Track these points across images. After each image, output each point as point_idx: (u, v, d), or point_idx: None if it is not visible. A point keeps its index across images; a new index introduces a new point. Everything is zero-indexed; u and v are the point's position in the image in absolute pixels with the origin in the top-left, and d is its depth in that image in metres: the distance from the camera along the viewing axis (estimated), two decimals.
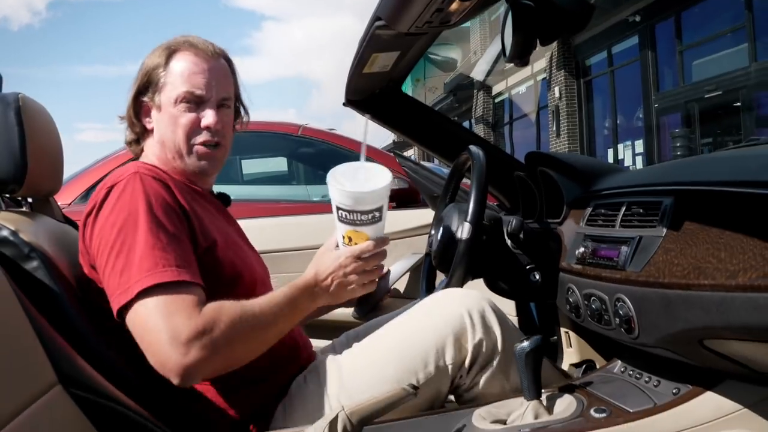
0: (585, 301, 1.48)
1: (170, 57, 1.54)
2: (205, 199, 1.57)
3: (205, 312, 1.26)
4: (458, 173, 1.82)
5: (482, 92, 20.61)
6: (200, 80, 1.53)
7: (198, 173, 1.57)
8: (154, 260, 1.27)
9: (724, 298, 1.03)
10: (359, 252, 1.48)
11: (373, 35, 1.53)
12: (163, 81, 1.53)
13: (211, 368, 1.27)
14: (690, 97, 11.60)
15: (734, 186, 1.16)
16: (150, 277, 1.25)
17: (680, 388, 1.29)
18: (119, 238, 1.30)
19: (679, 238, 1.21)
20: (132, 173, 1.38)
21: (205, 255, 1.40)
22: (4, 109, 1.39)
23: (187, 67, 1.53)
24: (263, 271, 1.62)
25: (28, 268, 1.26)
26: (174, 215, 1.36)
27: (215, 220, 1.52)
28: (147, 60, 1.57)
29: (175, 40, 1.57)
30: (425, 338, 1.47)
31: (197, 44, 1.56)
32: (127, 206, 1.33)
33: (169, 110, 1.52)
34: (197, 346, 1.23)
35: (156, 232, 1.30)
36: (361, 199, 1.44)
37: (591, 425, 1.25)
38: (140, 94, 1.56)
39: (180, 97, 1.52)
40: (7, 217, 1.34)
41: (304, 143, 4.29)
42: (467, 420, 1.32)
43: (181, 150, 1.53)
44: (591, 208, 1.62)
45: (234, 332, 1.28)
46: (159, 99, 1.53)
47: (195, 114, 1.53)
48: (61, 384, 0.88)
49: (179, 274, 1.27)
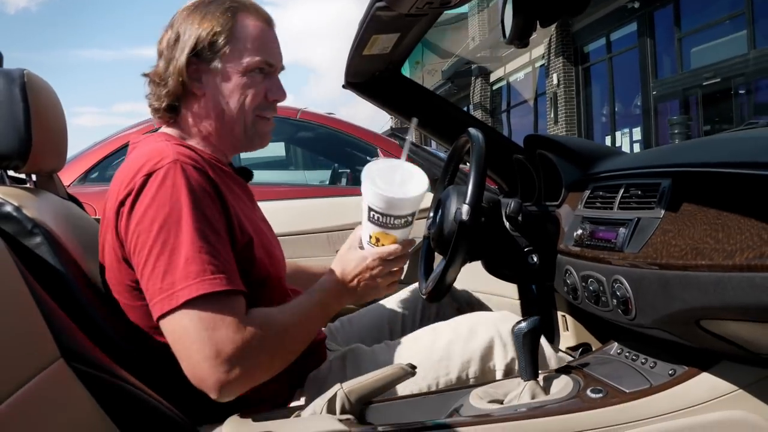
0: (582, 283, 1.49)
1: (235, 18, 1.41)
2: (233, 180, 1.48)
3: (251, 326, 1.21)
4: (457, 156, 1.83)
5: (480, 79, 20.59)
6: (274, 48, 1.45)
7: (251, 147, 1.50)
8: (201, 265, 1.19)
9: (722, 278, 1.04)
10: (387, 254, 1.43)
11: (373, 16, 1.53)
12: (226, 42, 1.40)
13: (251, 383, 1.23)
14: (688, 84, 11.60)
15: (732, 167, 1.17)
16: (198, 285, 1.18)
17: (676, 369, 1.30)
18: (161, 235, 1.21)
19: (677, 220, 1.22)
20: (172, 161, 1.26)
21: (240, 253, 1.33)
22: (8, 84, 1.39)
23: (260, 33, 1.43)
24: (284, 263, 1.57)
25: (30, 244, 1.25)
26: (217, 212, 1.28)
27: (248, 211, 1.44)
28: (200, 17, 1.41)
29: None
30: (453, 348, 1.49)
31: (257, 6, 1.45)
32: (168, 200, 1.22)
33: (237, 78, 1.41)
34: (242, 363, 1.19)
35: (202, 232, 1.22)
36: (397, 205, 1.39)
37: (587, 405, 1.26)
38: (195, 56, 1.40)
39: (253, 66, 1.41)
40: (10, 192, 1.33)
41: (303, 127, 4.29)
42: (465, 400, 1.33)
43: (246, 122, 1.44)
44: (589, 190, 1.62)
45: (278, 347, 1.26)
46: (221, 64, 1.41)
47: (264, 84, 1.44)
48: (63, 358, 0.88)
49: (228, 282, 1.20)
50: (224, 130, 1.45)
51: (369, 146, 4.05)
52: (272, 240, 1.52)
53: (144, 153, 1.31)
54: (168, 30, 1.44)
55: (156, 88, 1.43)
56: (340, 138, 4.19)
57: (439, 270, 1.56)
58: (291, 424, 1.22)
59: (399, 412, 1.34)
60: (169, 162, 1.26)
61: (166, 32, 1.44)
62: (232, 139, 1.46)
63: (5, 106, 1.38)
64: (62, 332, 0.91)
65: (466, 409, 1.30)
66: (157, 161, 1.27)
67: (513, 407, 1.28)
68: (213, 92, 1.42)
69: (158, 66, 1.44)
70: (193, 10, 1.42)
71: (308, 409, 1.25)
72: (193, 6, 1.43)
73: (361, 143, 4.10)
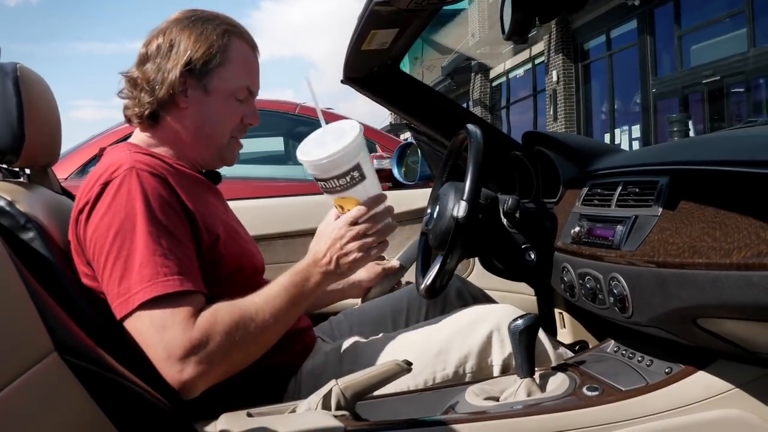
0: (579, 281, 1.49)
1: (230, 41, 1.45)
2: (200, 183, 1.50)
3: (198, 324, 1.22)
4: (455, 152, 1.82)
5: (480, 75, 20.60)
6: (257, 76, 1.50)
7: (219, 165, 1.54)
8: (155, 268, 1.22)
9: (719, 277, 1.04)
10: (352, 218, 1.38)
11: (371, 11, 1.52)
12: (219, 64, 1.43)
13: (210, 380, 1.24)
14: (688, 82, 11.59)
15: (730, 165, 1.16)
16: (151, 288, 1.20)
17: (672, 368, 1.30)
18: (116, 242, 1.24)
19: (675, 218, 1.21)
20: (128, 169, 1.29)
21: (208, 251, 1.36)
22: (1, 78, 1.38)
23: (249, 60, 1.48)
24: (260, 257, 1.58)
25: (24, 239, 1.25)
26: (174, 215, 1.30)
27: (215, 210, 1.46)
28: (197, 32, 1.42)
29: (229, 21, 1.48)
30: (451, 343, 1.49)
31: (249, 34, 1.51)
32: (123, 207, 1.26)
33: (221, 99, 1.45)
34: (193, 362, 1.20)
35: (156, 236, 1.24)
36: (328, 166, 1.33)
37: (583, 403, 1.26)
38: (188, 70, 1.42)
39: (239, 91, 1.46)
40: (3, 187, 1.33)
41: (302, 122, 4.28)
42: (460, 396, 1.33)
43: (222, 142, 1.49)
44: (587, 187, 1.62)
45: (230, 341, 1.24)
46: (209, 82, 1.43)
47: (242, 108, 1.49)
48: (57, 351, 0.87)
49: (181, 283, 1.22)
50: (199, 145, 1.48)
51: (368, 142, 4.04)
52: (244, 236, 1.54)
53: (104, 163, 1.35)
54: (159, 36, 1.44)
55: (139, 92, 1.44)
56: None
57: (436, 266, 1.56)
58: (286, 420, 1.22)
59: (394, 409, 1.34)
60: (124, 170, 1.29)
61: (156, 37, 1.45)
62: (204, 155, 1.50)
63: None
64: (56, 325, 0.90)
65: (462, 406, 1.30)
66: (113, 170, 1.30)
67: (509, 404, 1.28)
68: (196, 108, 1.45)
69: (145, 70, 1.43)
70: (190, 23, 1.44)
71: (303, 404, 1.25)
72: (189, 19, 1.45)
73: None
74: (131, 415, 1.00)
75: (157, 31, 1.46)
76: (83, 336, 0.98)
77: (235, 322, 1.26)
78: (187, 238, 1.31)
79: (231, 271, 1.41)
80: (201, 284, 1.28)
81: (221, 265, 1.39)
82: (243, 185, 3.26)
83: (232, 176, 3.68)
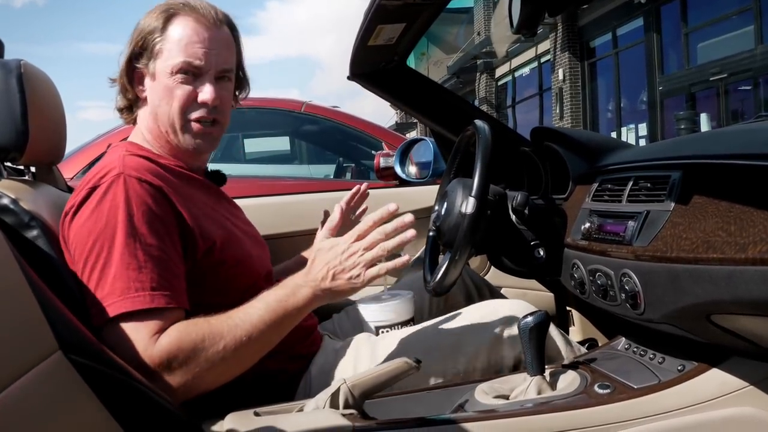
0: (590, 277, 1.47)
1: (168, 21, 1.43)
2: (201, 185, 1.49)
3: (161, 342, 1.19)
4: (463, 148, 1.81)
5: (485, 74, 20.58)
6: (199, 50, 1.43)
7: (192, 151, 1.48)
8: (127, 282, 1.20)
9: (734, 272, 1.02)
10: (357, 233, 1.29)
11: (378, 6, 1.51)
12: (159, 47, 1.42)
13: (179, 396, 1.20)
14: (695, 79, 11.55)
15: (744, 159, 1.14)
16: (120, 303, 1.19)
17: (685, 365, 1.29)
18: (94, 249, 1.23)
19: (688, 212, 1.19)
20: (116, 175, 1.28)
21: (205, 257, 1.34)
22: (5, 75, 1.37)
23: (186, 35, 1.42)
24: (266, 262, 1.56)
25: (28, 237, 1.25)
26: (159, 225, 1.27)
27: (214, 213, 1.43)
28: (143, 22, 1.46)
29: (174, 2, 1.46)
30: (461, 339, 1.48)
31: (198, 8, 1.45)
32: (105, 215, 1.24)
33: (164, 80, 1.43)
34: (157, 378, 1.17)
35: (133, 248, 1.22)
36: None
37: (594, 401, 1.25)
38: (134, 58, 1.45)
39: (176, 68, 1.41)
40: (7, 185, 1.32)
41: (308, 120, 4.26)
42: (470, 395, 1.32)
43: (175, 125, 1.44)
44: (597, 183, 1.60)
45: (196, 360, 1.20)
46: (154, 66, 1.43)
47: (191, 87, 1.43)
48: (61, 350, 0.87)
49: (152, 299, 1.20)
50: (164, 132, 1.47)
51: (374, 140, 4.03)
52: (246, 241, 1.51)
53: (99, 164, 1.36)
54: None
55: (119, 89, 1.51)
56: (345, 131, 4.17)
57: (445, 264, 1.55)
58: (293, 419, 1.20)
59: (403, 407, 1.33)
60: (113, 176, 1.28)
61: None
62: (176, 141, 1.47)
63: (2, 97, 1.36)
64: (60, 324, 0.89)
65: (472, 404, 1.29)
66: (102, 175, 1.30)
67: (519, 403, 1.27)
68: (151, 95, 1.46)
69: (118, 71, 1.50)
70: (142, 18, 1.48)
71: (311, 403, 1.24)
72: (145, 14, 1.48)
73: (367, 137, 4.08)
74: (137, 414, 0.99)
75: None
76: (87, 334, 0.97)
77: (201, 341, 1.21)
78: (173, 248, 1.28)
79: (230, 277, 1.39)
80: (179, 298, 1.25)
81: (220, 270, 1.37)
82: (248, 184, 3.25)
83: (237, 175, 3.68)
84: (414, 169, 2.71)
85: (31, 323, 0.85)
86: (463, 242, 1.50)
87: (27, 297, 0.86)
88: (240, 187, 2.50)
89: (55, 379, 0.86)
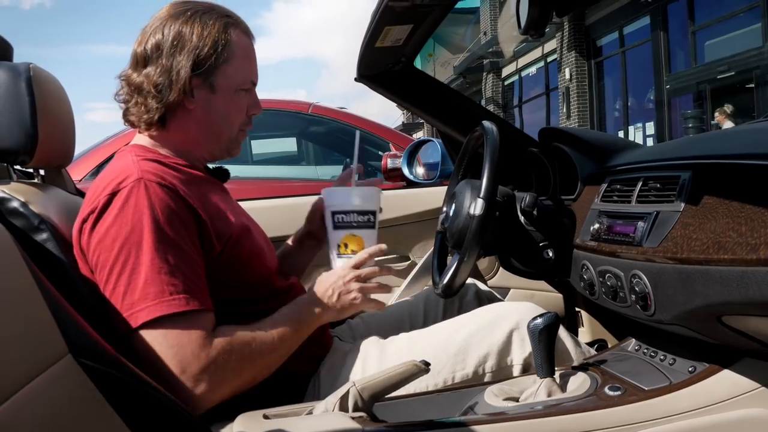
0: (600, 278, 1.46)
1: (231, 34, 1.41)
2: (207, 182, 1.48)
3: (215, 344, 1.23)
4: (471, 149, 1.80)
5: (492, 74, 20.57)
6: (255, 66, 1.48)
7: (226, 157, 1.52)
8: (160, 286, 1.21)
9: (745, 273, 1.01)
10: (356, 262, 1.43)
11: (386, 7, 1.51)
12: (224, 60, 1.39)
13: (218, 397, 1.25)
14: (702, 77, 11.53)
15: (754, 159, 1.14)
16: (157, 307, 1.20)
17: (696, 366, 1.28)
18: (121, 255, 1.22)
19: (698, 213, 1.19)
20: (136, 180, 1.27)
21: (220, 255, 1.35)
22: (14, 78, 1.37)
23: (250, 51, 1.45)
24: (273, 256, 1.58)
25: (37, 239, 1.25)
26: (183, 228, 1.27)
27: (225, 208, 1.43)
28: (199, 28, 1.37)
29: (226, 10, 1.44)
30: (470, 342, 1.47)
31: (244, 23, 1.47)
32: (130, 220, 1.23)
33: (227, 96, 1.42)
34: (206, 380, 1.21)
35: (163, 252, 1.23)
36: (355, 198, 1.46)
37: (605, 403, 1.24)
38: (194, 69, 1.37)
39: (243, 86, 1.44)
40: (17, 188, 1.33)
41: (315, 121, 4.27)
42: (480, 397, 1.31)
43: (231, 137, 1.48)
44: (606, 183, 1.59)
45: (242, 363, 1.27)
46: (215, 80, 1.40)
47: (246, 101, 1.47)
48: (71, 353, 0.87)
49: (188, 303, 1.22)
50: (207, 142, 1.47)
51: (381, 141, 4.03)
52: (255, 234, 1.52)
53: (112, 170, 1.33)
54: (157, 33, 1.38)
55: (144, 97, 1.39)
56: (351, 133, 4.17)
57: (453, 265, 1.54)
58: (303, 422, 1.20)
59: (412, 410, 1.33)
60: (133, 181, 1.27)
61: (153, 34, 1.39)
62: (212, 150, 1.49)
63: (11, 101, 1.36)
64: (70, 327, 0.89)
65: (481, 406, 1.28)
66: (121, 180, 1.28)
67: (529, 405, 1.26)
68: (204, 108, 1.42)
69: (148, 73, 1.38)
70: (189, 19, 1.39)
71: (320, 406, 1.24)
72: (186, 14, 1.39)
73: (374, 138, 4.08)
74: (147, 418, 0.99)
75: (152, 27, 1.40)
76: (98, 338, 0.97)
77: (248, 343, 1.28)
78: (196, 251, 1.29)
79: (244, 271, 1.40)
80: (208, 301, 1.27)
81: (235, 264, 1.38)
82: (256, 186, 3.25)
83: (245, 177, 3.67)
84: (421, 170, 2.71)
85: (41, 326, 0.85)
86: (472, 244, 1.49)
87: (36, 300, 0.86)
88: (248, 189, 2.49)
89: (65, 383, 0.86)
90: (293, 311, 1.40)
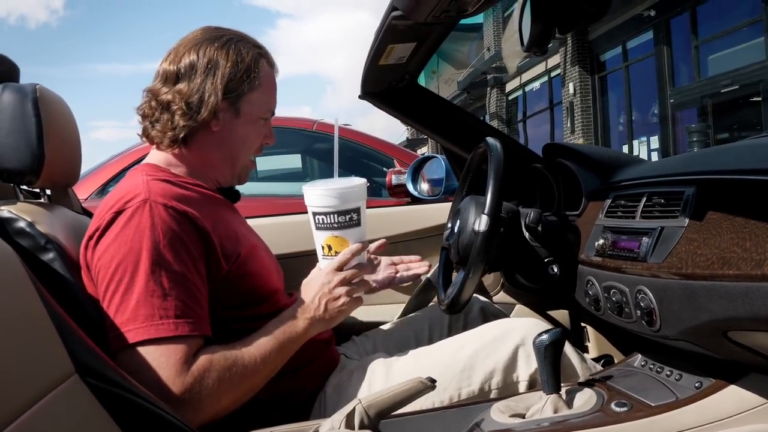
0: (605, 294, 1.46)
1: (261, 64, 1.47)
2: (218, 201, 1.49)
3: (193, 370, 1.22)
4: (475, 165, 1.81)
5: (496, 89, 20.62)
6: (276, 98, 1.52)
7: (237, 183, 1.56)
8: (151, 309, 1.21)
9: (750, 288, 1.01)
10: (339, 263, 1.41)
11: (389, 26, 1.51)
12: (253, 90, 1.45)
13: (197, 422, 1.23)
14: (706, 92, 11.53)
15: (758, 174, 1.14)
16: (144, 330, 1.20)
17: (703, 382, 1.27)
18: (117, 274, 1.23)
19: (702, 228, 1.19)
20: (142, 200, 1.28)
21: (227, 274, 1.35)
22: (21, 99, 1.39)
23: (272, 82, 1.50)
24: (279, 274, 1.58)
25: (44, 259, 1.25)
26: (184, 251, 1.27)
27: (235, 228, 1.45)
28: (234, 54, 1.43)
29: (256, 41, 1.49)
30: (476, 358, 1.47)
31: (270, 55, 1.52)
32: (129, 240, 1.24)
33: (250, 122, 1.47)
34: (184, 404, 1.20)
35: (158, 276, 1.23)
36: (336, 198, 1.40)
37: (611, 419, 1.23)
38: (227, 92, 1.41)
39: (265, 114, 1.49)
40: (24, 208, 1.33)
41: (319, 139, 4.29)
42: (486, 414, 1.31)
43: (243, 163, 1.52)
44: (610, 199, 1.60)
45: (222, 386, 1.25)
46: (241, 106, 1.44)
47: (264, 130, 1.52)
48: (78, 374, 0.87)
49: (176, 327, 1.22)
50: (222, 165, 1.50)
51: (385, 157, 4.04)
52: (262, 252, 1.53)
53: (122, 188, 1.35)
54: (191, 53, 1.42)
55: (172, 114, 1.41)
56: (356, 149, 4.18)
57: (458, 281, 1.54)
58: None
59: (419, 427, 1.32)
60: (139, 201, 1.28)
61: (187, 54, 1.42)
62: (225, 174, 1.52)
63: (18, 121, 1.37)
64: (76, 347, 0.90)
65: (487, 423, 1.28)
66: (128, 199, 1.29)
67: (535, 422, 1.25)
68: (227, 131, 1.45)
69: (179, 89, 1.40)
70: (225, 45, 1.43)
71: (326, 423, 1.23)
72: (221, 39, 1.44)
73: (378, 154, 4.09)
74: None
75: (186, 47, 1.43)
76: (104, 357, 0.97)
77: (228, 368, 1.26)
78: (197, 275, 1.29)
79: (250, 290, 1.41)
80: (201, 326, 1.27)
81: (241, 284, 1.38)
82: (260, 203, 3.25)
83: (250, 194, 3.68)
84: (426, 186, 2.71)
85: (48, 346, 0.86)
86: (477, 260, 1.49)
87: (43, 320, 0.87)
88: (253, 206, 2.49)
89: (72, 402, 0.86)
90: (279, 330, 1.37)
